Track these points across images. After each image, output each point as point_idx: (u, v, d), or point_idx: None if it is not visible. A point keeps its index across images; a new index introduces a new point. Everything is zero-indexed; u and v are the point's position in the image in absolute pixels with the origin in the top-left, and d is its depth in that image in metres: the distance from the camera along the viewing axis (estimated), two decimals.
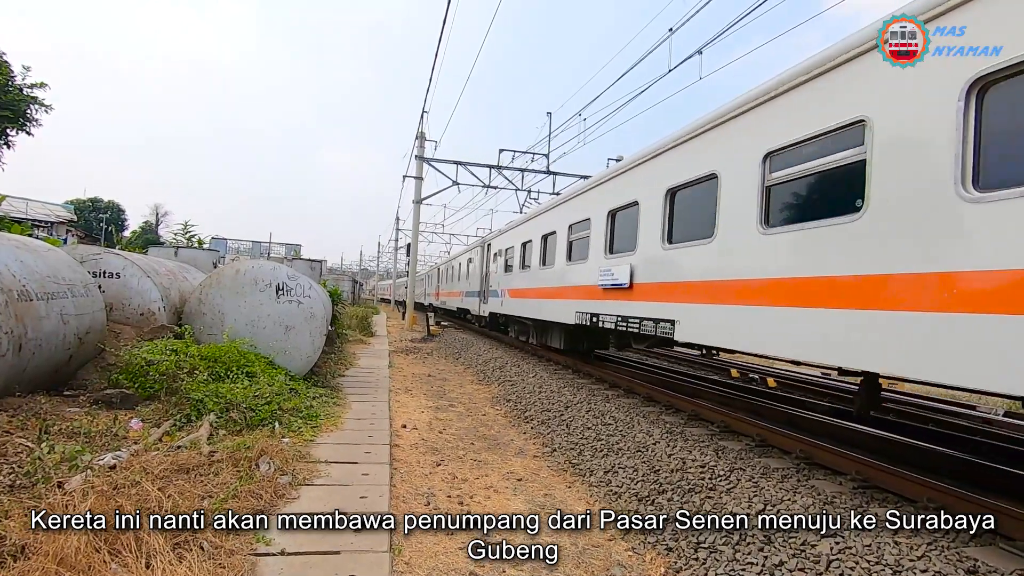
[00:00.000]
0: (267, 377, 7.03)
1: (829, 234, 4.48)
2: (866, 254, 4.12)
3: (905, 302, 3.76)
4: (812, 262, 4.59)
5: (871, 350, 4.06)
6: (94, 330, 6.55)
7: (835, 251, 4.40)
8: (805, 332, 4.61)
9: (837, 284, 4.30)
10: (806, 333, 4.60)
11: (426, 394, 9.93)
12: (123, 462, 4.19)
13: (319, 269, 23.53)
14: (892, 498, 4.22)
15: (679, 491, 4.71)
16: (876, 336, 3.98)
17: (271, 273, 8.39)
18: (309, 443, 5.71)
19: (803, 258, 4.70)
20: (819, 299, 4.47)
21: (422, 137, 23.47)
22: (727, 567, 3.57)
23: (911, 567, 3.10)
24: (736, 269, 5.55)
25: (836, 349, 4.35)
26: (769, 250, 5.12)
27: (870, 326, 4.03)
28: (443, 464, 5.86)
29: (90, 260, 7.76)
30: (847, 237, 4.29)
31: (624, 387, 9.11)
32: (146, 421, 5.57)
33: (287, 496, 4.23)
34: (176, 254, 14.58)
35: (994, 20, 3.45)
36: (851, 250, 4.25)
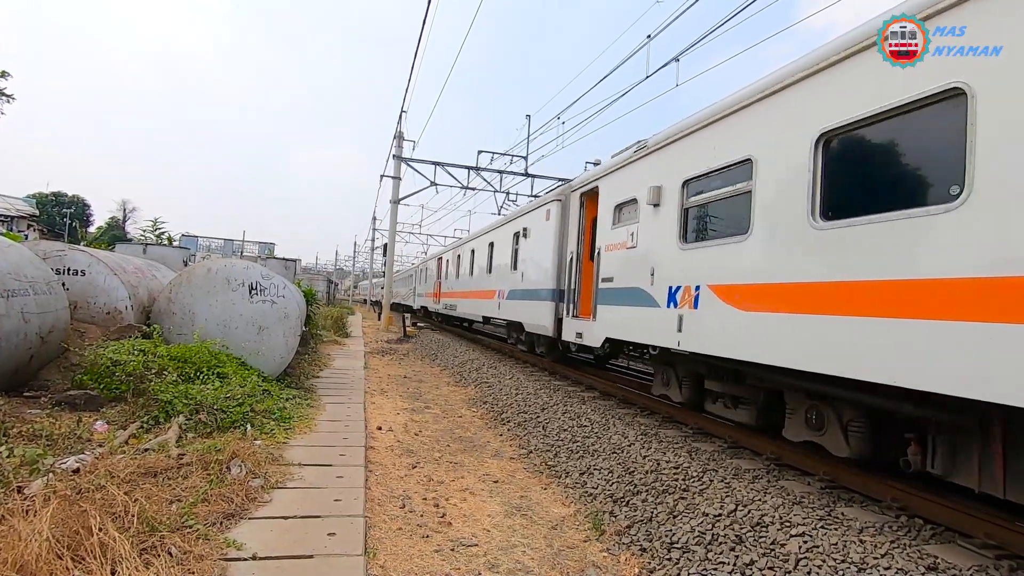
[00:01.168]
0: (239, 378, 6.89)
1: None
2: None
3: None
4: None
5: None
6: (57, 329, 6.33)
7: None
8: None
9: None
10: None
11: (402, 396, 9.85)
12: (87, 465, 4.05)
13: (293, 268, 23.19)
14: (858, 498, 4.35)
15: (653, 492, 4.77)
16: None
17: (244, 272, 8.23)
18: (282, 445, 5.62)
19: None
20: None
21: (400, 137, 23.35)
22: (699, 567, 3.63)
23: (875, 564, 3.20)
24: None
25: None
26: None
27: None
28: (419, 466, 5.83)
29: (54, 257, 7.50)
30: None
31: (600, 390, 9.18)
32: (112, 423, 5.41)
33: (259, 499, 4.15)
34: (145, 251, 14.21)
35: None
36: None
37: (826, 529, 3.65)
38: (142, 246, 15.05)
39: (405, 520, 4.36)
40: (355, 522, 3.95)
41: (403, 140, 23.59)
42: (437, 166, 23.63)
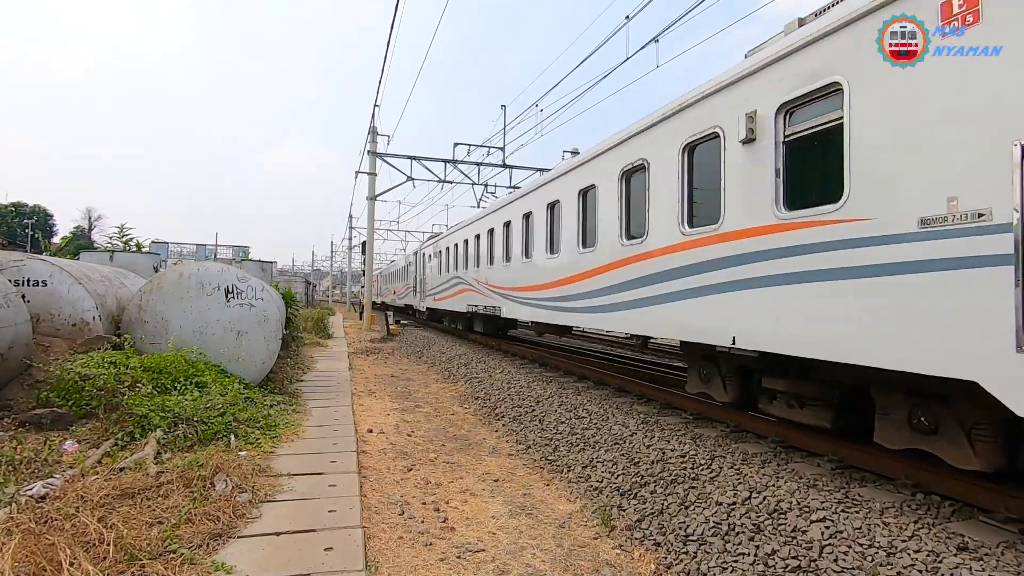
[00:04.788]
0: (219, 387, 6.55)
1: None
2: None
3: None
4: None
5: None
6: (18, 344, 5.91)
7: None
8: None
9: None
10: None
11: (391, 396, 9.57)
12: (56, 491, 3.74)
13: (270, 271, 22.54)
14: (870, 477, 4.24)
15: (662, 482, 4.61)
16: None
17: (219, 276, 7.85)
18: (269, 455, 5.33)
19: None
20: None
21: (374, 132, 22.79)
22: (719, 559, 3.48)
23: (904, 548, 3.07)
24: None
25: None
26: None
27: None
28: (415, 469, 5.59)
29: (10, 268, 7.03)
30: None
31: (594, 379, 9.03)
32: (83, 442, 5.06)
33: (248, 516, 3.88)
34: (112, 259, 13.57)
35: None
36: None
37: (847, 512, 3.52)
38: (109, 253, 14.36)
39: (405, 528, 4.13)
40: (353, 534, 3.70)
41: (377, 135, 23.02)
42: (413, 160, 23.15)
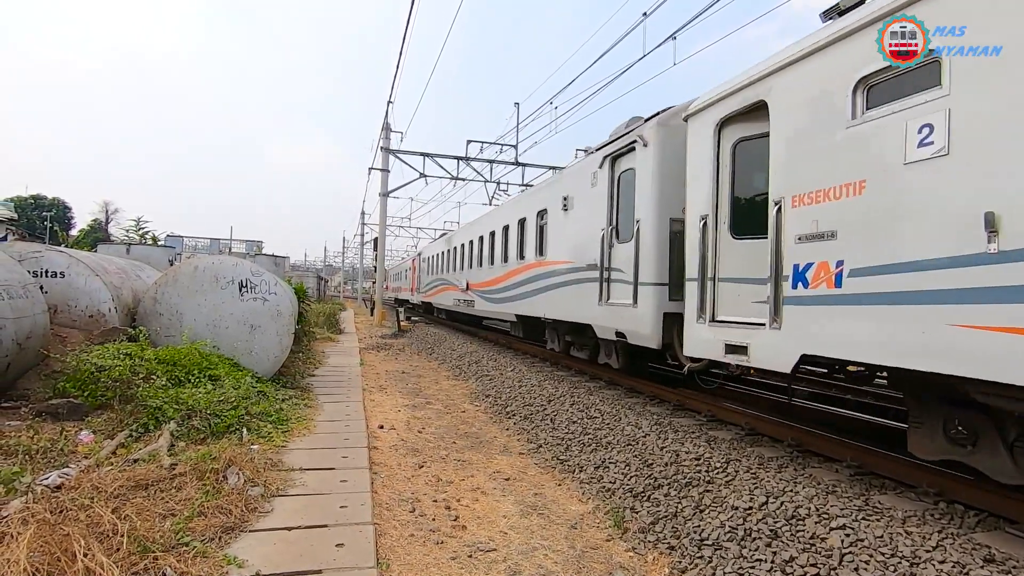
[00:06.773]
0: (232, 380, 6.58)
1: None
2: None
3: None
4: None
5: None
6: (35, 334, 5.97)
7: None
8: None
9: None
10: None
11: (401, 392, 9.57)
12: (71, 481, 3.75)
13: (283, 265, 22.70)
14: (890, 484, 4.15)
15: (676, 485, 4.54)
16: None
17: (233, 269, 7.88)
18: (281, 449, 5.33)
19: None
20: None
21: (388, 128, 22.85)
22: (735, 565, 3.41)
23: (928, 558, 2.99)
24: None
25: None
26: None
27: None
28: (425, 466, 5.57)
29: (30, 259, 7.11)
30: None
31: (606, 379, 8.96)
32: (97, 433, 5.09)
33: (259, 510, 3.87)
34: (128, 251, 13.75)
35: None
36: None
37: (867, 520, 3.43)
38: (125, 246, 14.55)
39: (416, 525, 4.10)
40: (364, 530, 3.69)
41: (391, 131, 23.08)
42: (426, 157, 23.17)
